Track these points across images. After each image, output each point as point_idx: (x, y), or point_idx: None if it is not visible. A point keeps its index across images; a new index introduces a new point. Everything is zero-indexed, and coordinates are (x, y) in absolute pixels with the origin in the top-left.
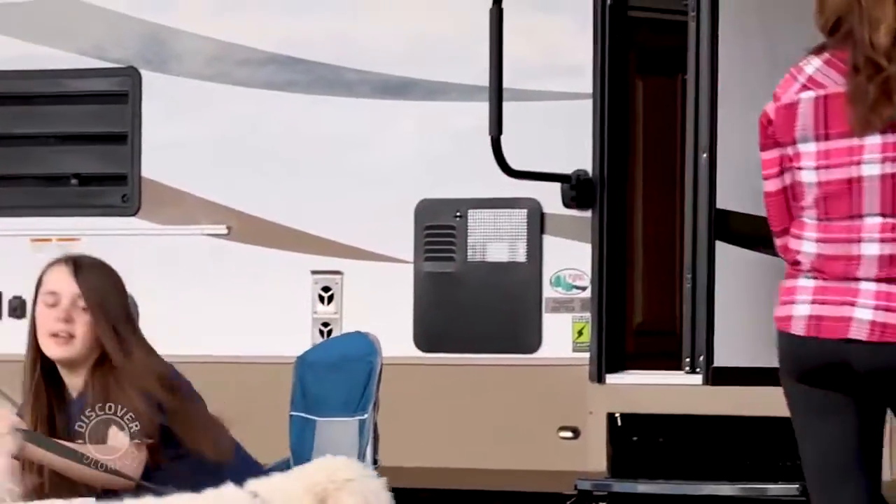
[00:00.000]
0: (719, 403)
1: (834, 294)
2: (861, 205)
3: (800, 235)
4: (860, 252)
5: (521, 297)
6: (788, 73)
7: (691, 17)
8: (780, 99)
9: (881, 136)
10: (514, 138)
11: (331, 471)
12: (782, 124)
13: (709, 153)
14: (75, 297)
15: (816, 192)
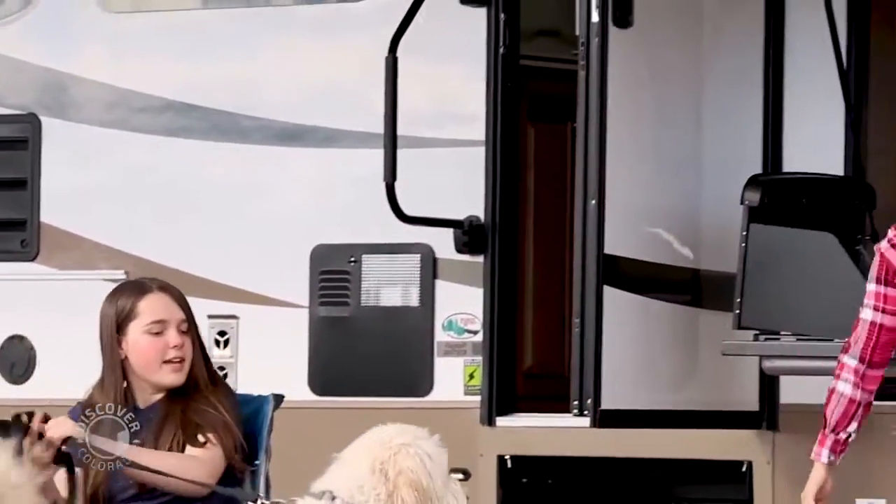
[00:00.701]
0: (606, 445)
1: None
2: None
3: None
4: None
5: (413, 341)
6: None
7: (581, 66)
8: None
9: None
10: (409, 185)
11: (385, 440)
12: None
13: (597, 199)
14: (180, 322)
15: None
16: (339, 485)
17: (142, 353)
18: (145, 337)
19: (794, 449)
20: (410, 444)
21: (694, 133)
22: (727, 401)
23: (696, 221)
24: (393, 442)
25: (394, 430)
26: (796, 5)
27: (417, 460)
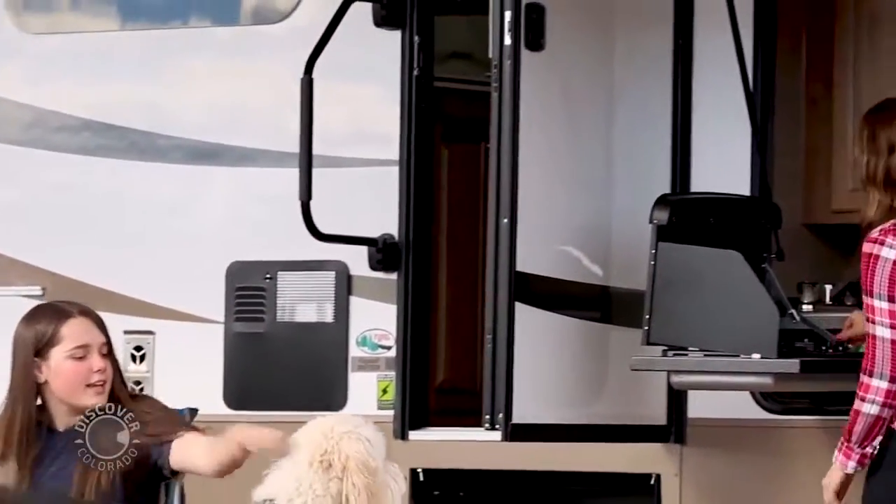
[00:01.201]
0: (517, 459)
1: None
2: None
3: None
4: None
5: (328, 356)
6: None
7: (494, 88)
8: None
9: None
10: (324, 203)
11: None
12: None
13: (509, 218)
14: (102, 346)
15: None
16: (279, 488)
17: (66, 378)
18: (69, 362)
19: (701, 462)
20: (352, 431)
21: (604, 153)
22: (636, 415)
23: (606, 240)
24: (334, 431)
25: (333, 419)
26: (704, 28)
27: (361, 445)
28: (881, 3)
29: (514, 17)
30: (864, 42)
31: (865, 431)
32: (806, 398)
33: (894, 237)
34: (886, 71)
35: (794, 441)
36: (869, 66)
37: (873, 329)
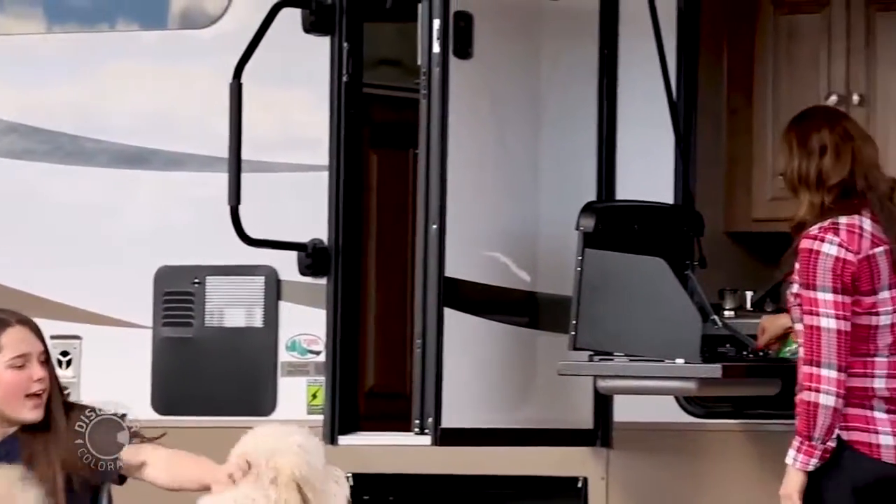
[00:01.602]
0: (447, 463)
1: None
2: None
3: (872, 374)
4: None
5: (257, 361)
6: (845, 231)
7: (423, 94)
8: (859, 252)
9: None
10: (253, 208)
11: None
12: (866, 275)
13: (438, 224)
14: (40, 354)
15: (890, 332)
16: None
17: (6, 388)
18: (9, 371)
19: (627, 465)
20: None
21: (531, 160)
22: (563, 419)
23: (533, 246)
24: (267, 443)
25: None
26: (629, 38)
27: (294, 457)
28: (800, 16)
29: (442, 24)
30: (783, 54)
31: (827, 424)
32: (728, 402)
33: (834, 234)
34: (804, 82)
35: (718, 444)
36: (788, 77)
37: (817, 321)
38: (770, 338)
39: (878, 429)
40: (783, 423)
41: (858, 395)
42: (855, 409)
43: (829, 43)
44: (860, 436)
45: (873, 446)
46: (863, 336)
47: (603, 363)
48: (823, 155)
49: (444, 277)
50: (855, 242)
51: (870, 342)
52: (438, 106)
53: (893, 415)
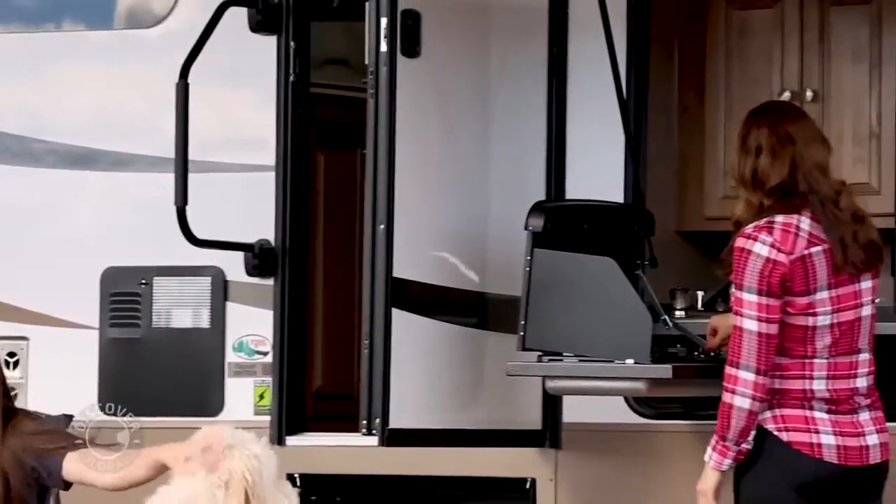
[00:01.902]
0: (395, 463)
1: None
2: (858, 342)
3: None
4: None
5: (204, 361)
6: (780, 230)
7: (370, 94)
8: (792, 252)
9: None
10: (200, 208)
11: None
12: (800, 276)
13: (386, 224)
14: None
15: (830, 332)
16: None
17: None
18: None
19: (575, 466)
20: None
21: (480, 160)
22: (512, 420)
23: (482, 246)
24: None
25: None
26: (578, 36)
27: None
28: (752, 11)
29: (389, 23)
30: (735, 50)
31: (741, 427)
32: (678, 403)
33: (767, 234)
34: (757, 78)
35: (667, 445)
36: (740, 74)
37: (740, 322)
38: (722, 338)
39: (819, 428)
40: None
41: (797, 397)
42: (794, 409)
43: (783, 38)
44: (801, 436)
45: (815, 446)
46: (798, 337)
47: (552, 363)
48: (759, 154)
49: (391, 278)
50: (789, 242)
51: (807, 343)
52: (386, 105)
53: (835, 415)
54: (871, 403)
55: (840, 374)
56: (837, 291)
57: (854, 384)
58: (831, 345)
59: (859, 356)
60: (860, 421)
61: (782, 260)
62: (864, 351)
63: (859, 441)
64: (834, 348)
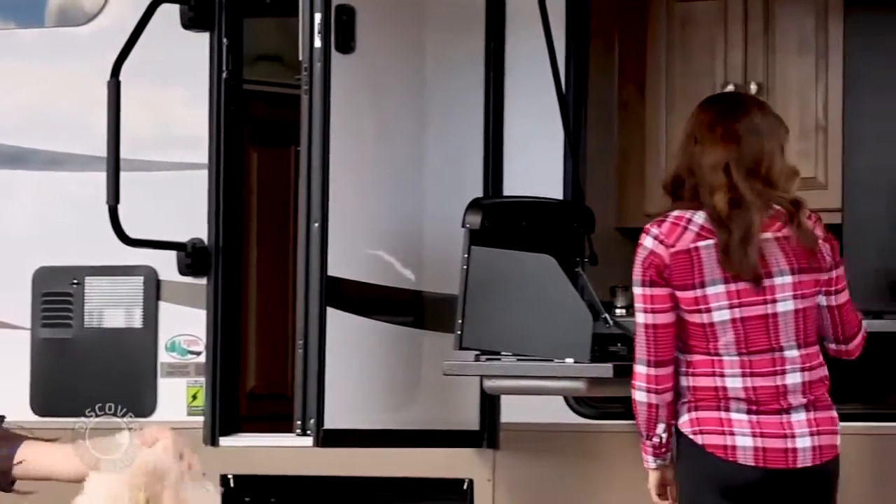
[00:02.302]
0: (330, 464)
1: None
2: (777, 339)
3: (721, 373)
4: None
5: (136, 362)
6: (669, 223)
7: (304, 90)
8: (674, 245)
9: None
10: (132, 207)
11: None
12: (681, 269)
13: (320, 222)
14: None
15: (732, 328)
16: None
17: None
18: None
19: (513, 466)
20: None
21: (417, 157)
22: (449, 420)
23: (418, 244)
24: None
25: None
26: (516, 31)
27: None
28: (695, 3)
29: (323, 19)
30: (677, 44)
31: (645, 421)
32: (619, 402)
33: (657, 227)
34: (699, 71)
35: (607, 445)
36: (681, 69)
37: (636, 317)
38: None
39: (735, 430)
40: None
41: (710, 396)
42: (709, 412)
43: (726, 30)
44: (714, 439)
45: (728, 448)
46: (699, 334)
47: (490, 363)
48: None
49: (326, 276)
50: (674, 235)
51: (708, 340)
52: (320, 102)
53: (757, 415)
54: (808, 403)
55: (760, 371)
56: (738, 286)
57: (780, 382)
58: (737, 342)
59: (784, 353)
60: (790, 422)
61: (660, 252)
62: (792, 347)
63: (785, 443)
64: (743, 345)
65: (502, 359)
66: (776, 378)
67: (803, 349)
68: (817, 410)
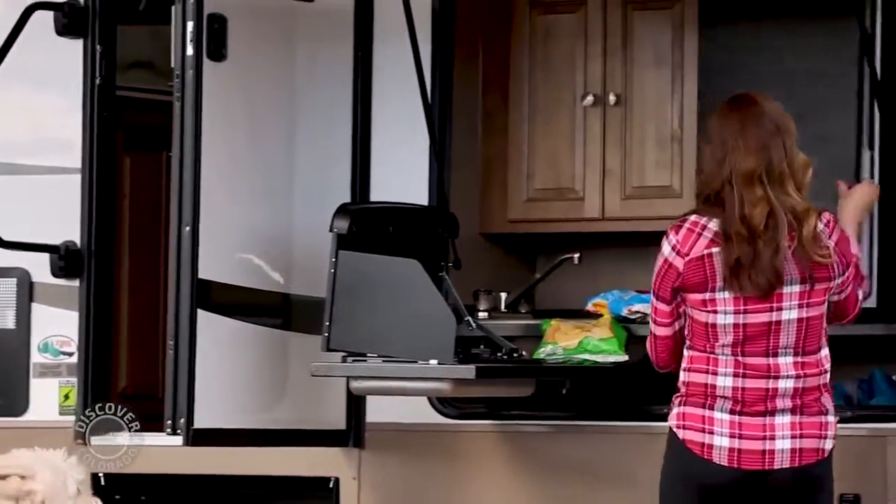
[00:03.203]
0: (200, 463)
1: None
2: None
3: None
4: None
5: (9, 362)
6: (686, 229)
7: (176, 97)
8: (689, 254)
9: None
10: (5, 210)
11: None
12: (696, 273)
13: (192, 226)
14: None
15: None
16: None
17: None
18: None
19: (378, 465)
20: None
21: (286, 162)
22: (316, 420)
23: (288, 248)
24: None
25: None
26: (384, 40)
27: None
28: (556, 15)
29: (195, 27)
30: (539, 54)
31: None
32: (482, 403)
33: (675, 233)
34: (561, 83)
35: (471, 445)
36: (543, 78)
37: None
38: None
39: (715, 429)
40: (537, 424)
41: (698, 393)
42: (695, 408)
43: (586, 43)
44: (694, 435)
45: (705, 447)
46: (700, 332)
47: (356, 364)
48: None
49: (197, 279)
50: (688, 243)
51: (708, 339)
52: (192, 108)
53: (740, 416)
54: (795, 407)
55: (752, 374)
56: (745, 294)
57: (771, 385)
58: (735, 343)
59: (780, 359)
60: (773, 424)
61: (676, 263)
62: (788, 354)
63: (763, 444)
64: (742, 348)
65: (368, 360)
66: (768, 381)
67: (801, 356)
68: (804, 415)
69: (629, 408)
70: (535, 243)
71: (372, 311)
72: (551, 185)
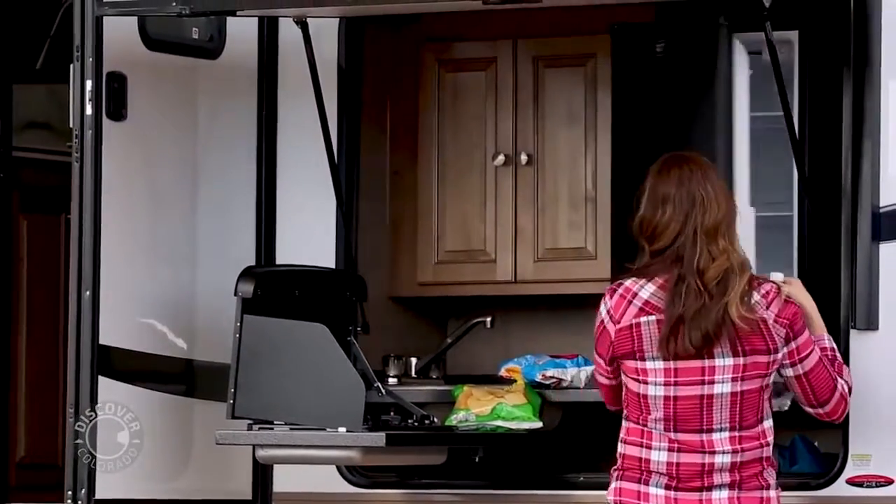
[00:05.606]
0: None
1: None
2: (712, 420)
3: (649, 445)
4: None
5: None
6: (618, 295)
7: (75, 158)
8: (619, 322)
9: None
10: None
11: None
12: (626, 341)
13: (92, 290)
14: None
15: (664, 406)
16: None
17: None
18: None
19: None
20: None
21: (189, 224)
22: (222, 489)
23: (191, 312)
24: None
25: None
26: (289, 99)
27: None
28: (463, 75)
29: (94, 86)
30: (448, 112)
31: None
32: (393, 472)
33: (610, 297)
34: (470, 141)
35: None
36: (453, 137)
37: None
38: None
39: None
40: (450, 493)
41: (633, 467)
42: (630, 483)
43: (496, 101)
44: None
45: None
46: (634, 402)
47: (262, 432)
48: None
49: (97, 345)
50: (619, 310)
51: (641, 411)
52: (91, 169)
53: (676, 492)
54: (733, 482)
55: (687, 449)
56: (675, 364)
57: (707, 461)
58: (665, 419)
59: (714, 435)
60: (710, 499)
61: (609, 328)
62: (724, 430)
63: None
64: (673, 424)
65: (275, 428)
66: (704, 457)
67: (737, 431)
68: (743, 490)
69: (544, 476)
70: (445, 307)
71: (278, 376)
72: (462, 248)
